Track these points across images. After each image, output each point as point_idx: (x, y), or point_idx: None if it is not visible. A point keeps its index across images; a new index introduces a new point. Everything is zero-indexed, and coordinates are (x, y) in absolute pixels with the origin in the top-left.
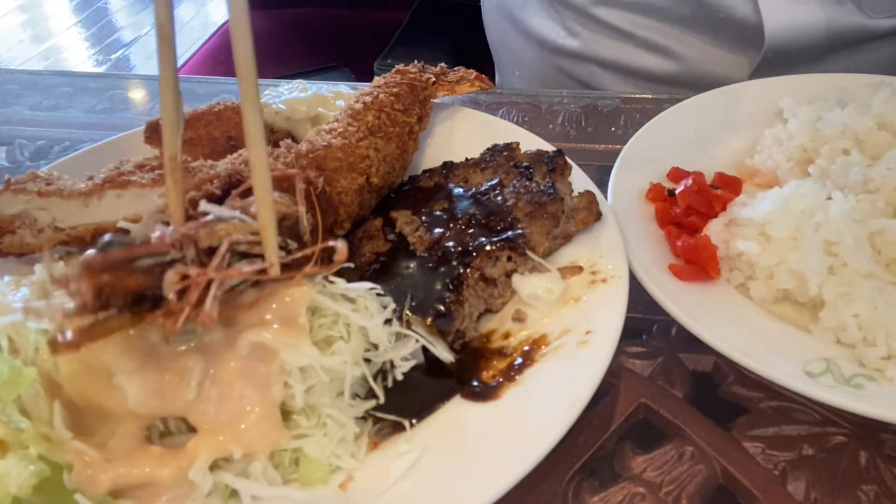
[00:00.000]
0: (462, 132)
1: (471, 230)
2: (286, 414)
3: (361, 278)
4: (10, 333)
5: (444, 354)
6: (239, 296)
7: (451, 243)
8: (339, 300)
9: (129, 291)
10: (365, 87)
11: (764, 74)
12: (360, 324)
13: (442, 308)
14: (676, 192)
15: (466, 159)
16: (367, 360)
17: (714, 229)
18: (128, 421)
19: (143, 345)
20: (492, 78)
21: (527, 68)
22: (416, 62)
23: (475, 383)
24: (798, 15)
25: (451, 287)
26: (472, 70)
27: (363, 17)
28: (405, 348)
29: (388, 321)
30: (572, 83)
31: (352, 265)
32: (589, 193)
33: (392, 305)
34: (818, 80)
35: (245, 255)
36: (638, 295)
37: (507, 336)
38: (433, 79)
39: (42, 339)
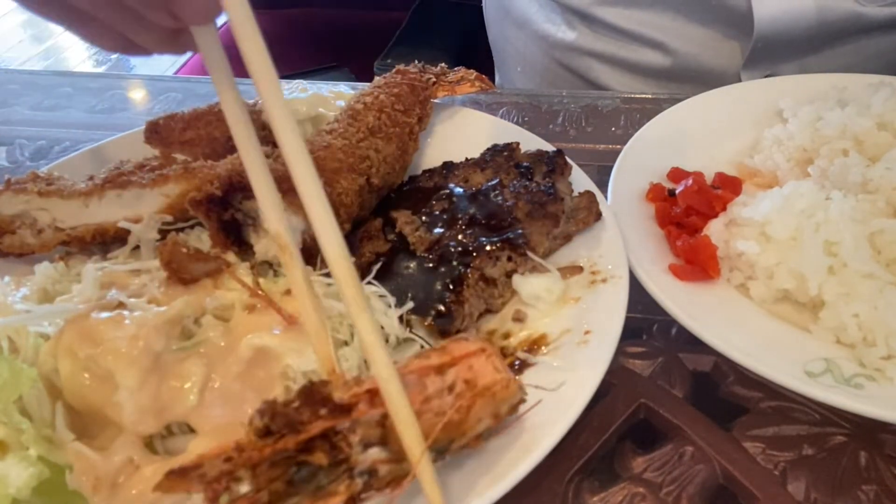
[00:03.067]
0: (462, 132)
1: (471, 230)
2: None
3: (362, 278)
4: (10, 334)
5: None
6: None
7: (451, 243)
8: None
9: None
10: (365, 87)
11: (756, 67)
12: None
13: (442, 308)
14: (676, 192)
15: (466, 159)
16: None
17: (714, 229)
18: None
19: (147, 354)
20: (491, 77)
21: (528, 63)
22: (416, 62)
23: None
24: (788, 1)
25: (451, 287)
26: (472, 70)
27: (363, 17)
28: (408, 352)
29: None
30: (572, 77)
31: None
32: (589, 193)
33: (408, 305)
34: (818, 80)
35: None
36: (638, 295)
37: (507, 336)
38: (433, 79)
39: (42, 341)
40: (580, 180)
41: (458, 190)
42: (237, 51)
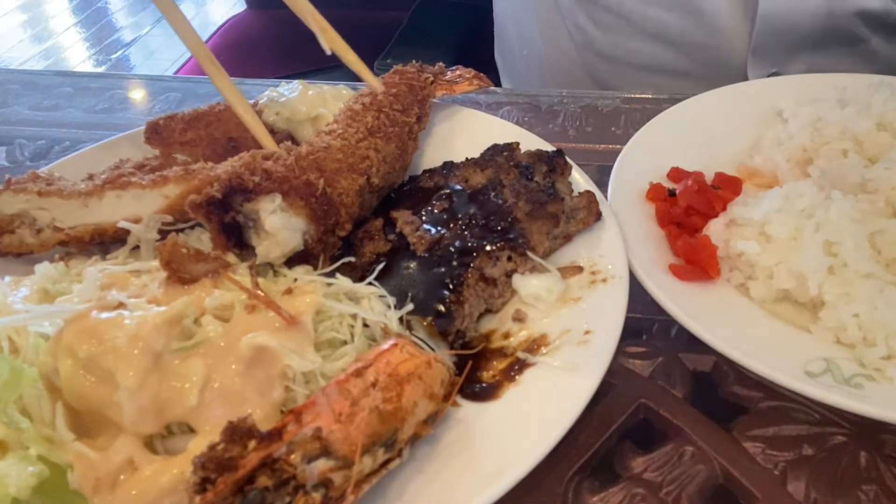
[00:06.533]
0: (462, 132)
1: (471, 230)
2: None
3: (362, 278)
4: (10, 334)
5: (445, 359)
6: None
7: (451, 243)
8: (345, 300)
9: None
10: (364, 87)
11: (762, 63)
12: (374, 320)
13: (442, 308)
14: (676, 192)
15: (466, 159)
16: None
17: (714, 229)
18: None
19: (147, 354)
20: (491, 70)
21: (535, 47)
22: (414, 62)
23: (475, 383)
24: None
25: (451, 287)
26: (470, 69)
27: (363, 17)
28: None
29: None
30: (578, 68)
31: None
32: (589, 193)
33: (409, 306)
34: (818, 80)
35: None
36: (638, 295)
37: (507, 336)
38: (431, 78)
39: (42, 341)
40: (580, 180)
41: (459, 190)
42: (237, 51)
